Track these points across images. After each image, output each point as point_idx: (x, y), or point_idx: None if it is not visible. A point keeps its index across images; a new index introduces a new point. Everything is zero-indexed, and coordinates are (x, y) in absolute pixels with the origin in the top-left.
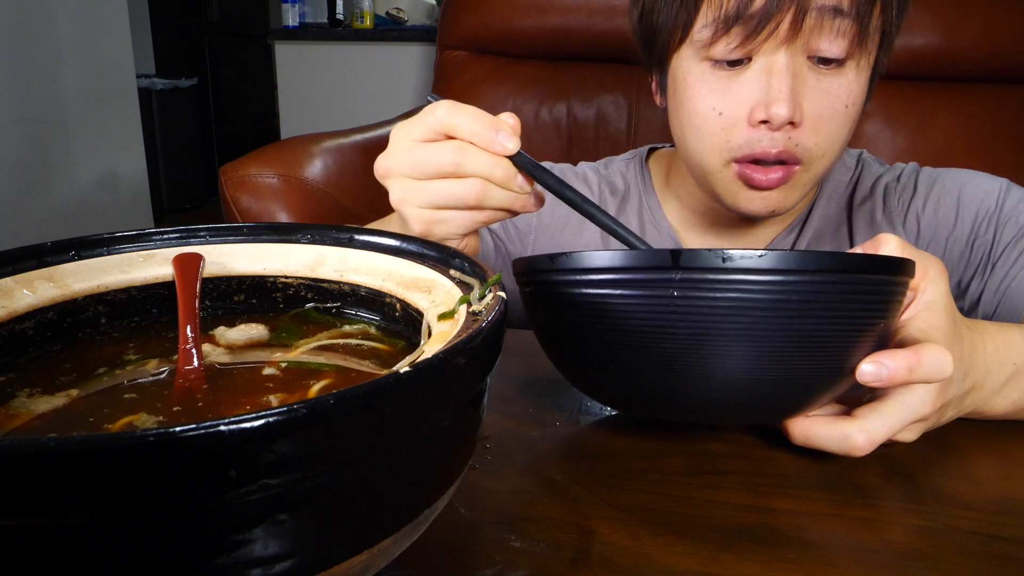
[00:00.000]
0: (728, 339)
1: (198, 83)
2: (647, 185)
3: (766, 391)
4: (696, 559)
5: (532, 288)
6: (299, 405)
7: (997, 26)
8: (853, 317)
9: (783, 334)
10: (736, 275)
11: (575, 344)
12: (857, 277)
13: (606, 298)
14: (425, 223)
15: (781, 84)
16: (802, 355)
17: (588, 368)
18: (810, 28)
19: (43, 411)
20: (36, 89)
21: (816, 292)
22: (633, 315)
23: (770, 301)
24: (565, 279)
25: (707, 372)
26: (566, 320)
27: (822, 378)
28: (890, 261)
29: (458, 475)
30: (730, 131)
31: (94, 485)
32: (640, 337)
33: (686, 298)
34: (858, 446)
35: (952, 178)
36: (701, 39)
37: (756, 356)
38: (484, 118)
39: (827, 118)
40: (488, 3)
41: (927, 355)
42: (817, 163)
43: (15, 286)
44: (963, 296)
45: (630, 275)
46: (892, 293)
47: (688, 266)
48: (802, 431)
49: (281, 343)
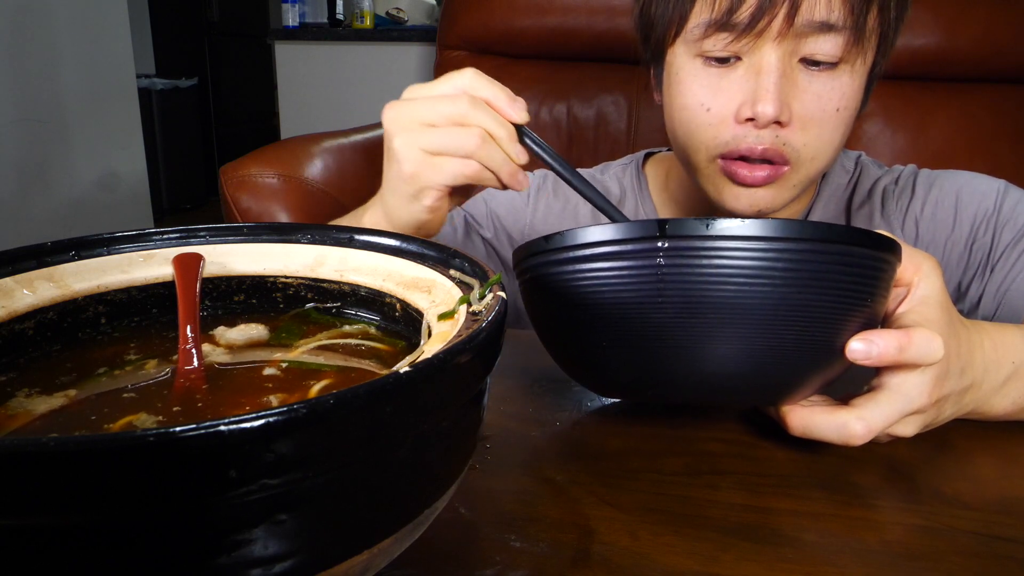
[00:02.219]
0: (716, 308)
1: (198, 83)
2: (643, 189)
3: (756, 364)
4: (696, 559)
5: (529, 275)
6: (299, 405)
7: (997, 26)
8: (839, 290)
9: (771, 302)
10: (721, 242)
11: (569, 325)
12: (841, 248)
13: (597, 272)
14: (417, 164)
15: (768, 83)
16: (790, 326)
17: (582, 348)
18: (801, 29)
19: (42, 411)
20: (36, 89)
21: (800, 260)
22: (624, 287)
23: (756, 268)
24: (559, 258)
25: (697, 343)
26: (561, 300)
27: (812, 353)
28: (874, 236)
29: (458, 475)
30: (718, 127)
31: (94, 485)
32: (630, 309)
33: (673, 267)
34: (856, 434)
35: (950, 180)
36: (694, 35)
37: (744, 325)
38: (503, 88)
39: (817, 120)
40: (488, 3)
41: (917, 336)
42: (808, 165)
43: (15, 286)
44: (963, 299)
45: (619, 247)
46: (878, 270)
47: (674, 234)
48: (800, 420)
49: (281, 343)
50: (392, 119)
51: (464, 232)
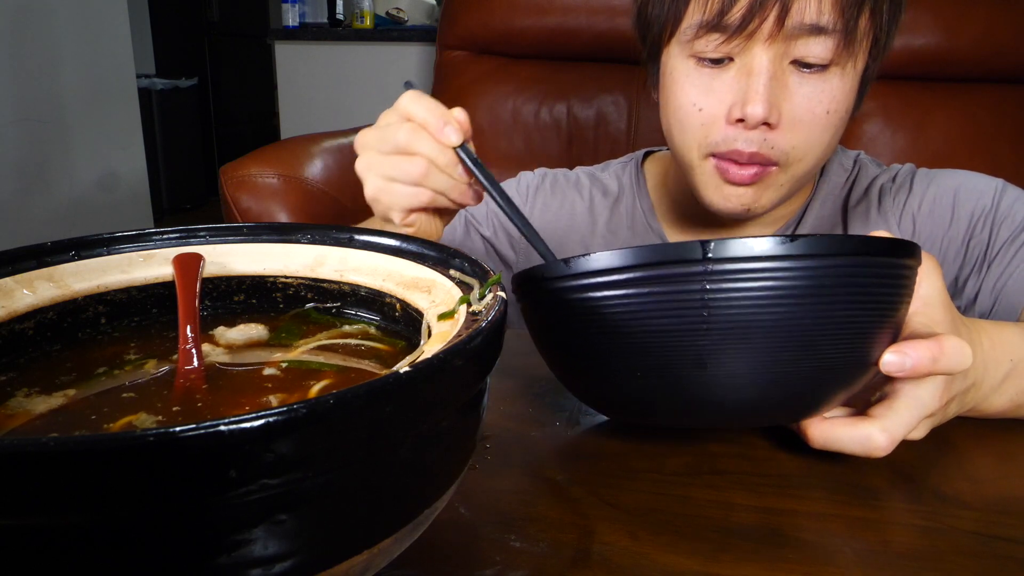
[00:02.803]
0: (764, 331)
1: (198, 83)
2: (641, 187)
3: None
4: (696, 559)
5: (536, 299)
6: (299, 405)
7: (997, 26)
8: (876, 302)
9: (818, 320)
10: (766, 263)
11: (591, 353)
12: (882, 260)
13: (628, 298)
14: (376, 190)
15: (758, 84)
16: (834, 343)
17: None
18: (792, 32)
19: (42, 411)
20: (36, 89)
21: (844, 276)
22: (662, 314)
23: (802, 287)
24: (579, 284)
25: (744, 368)
26: (580, 327)
27: (850, 367)
28: (907, 245)
29: (458, 475)
30: (709, 127)
31: (94, 485)
32: (670, 336)
33: (718, 290)
34: (880, 446)
35: (948, 178)
36: (687, 35)
37: (791, 347)
38: (437, 110)
39: (807, 122)
40: (488, 3)
41: (949, 346)
42: (795, 166)
43: (15, 286)
44: (959, 295)
45: (657, 271)
46: (907, 278)
47: (719, 257)
48: (821, 434)
49: (281, 343)
50: (359, 144)
51: (464, 230)
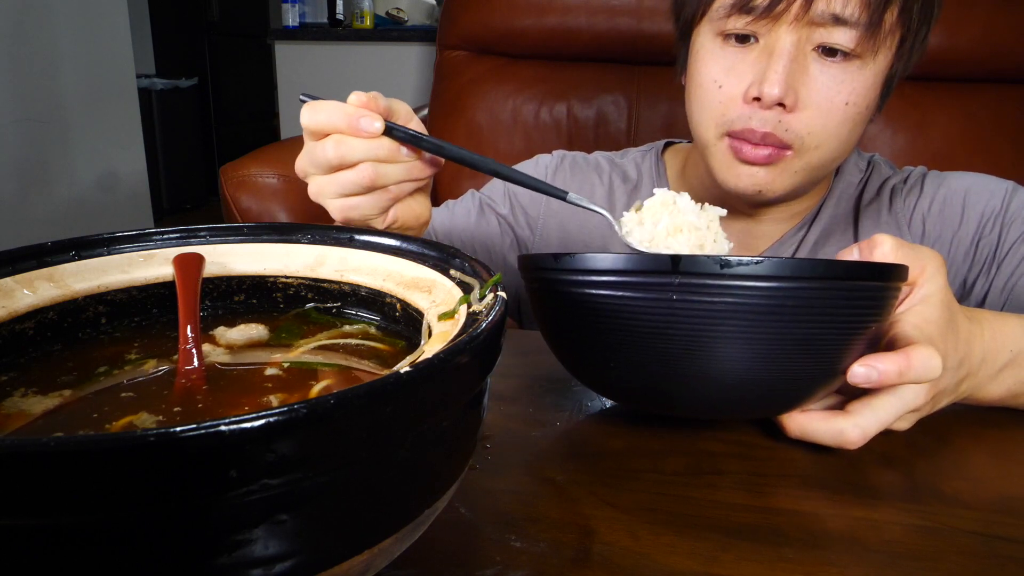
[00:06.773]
0: (724, 341)
1: (198, 83)
2: (660, 176)
3: (761, 390)
4: (696, 559)
5: (537, 284)
6: (299, 405)
7: (997, 26)
8: (846, 321)
9: (778, 337)
10: (732, 281)
11: (578, 340)
12: (848, 284)
13: (608, 298)
14: (340, 211)
15: (777, 65)
16: (795, 357)
17: (590, 363)
18: (816, 18)
19: (42, 411)
20: (36, 89)
21: (809, 299)
22: (634, 315)
23: (765, 306)
24: (569, 278)
25: (704, 371)
26: (570, 317)
27: (815, 378)
28: (883, 268)
29: (458, 475)
30: (727, 104)
31: (95, 485)
32: (640, 336)
33: (685, 301)
34: (852, 441)
35: (959, 179)
36: (718, 14)
37: (751, 358)
38: (340, 110)
39: (824, 109)
40: (488, 3)
41: (916, 358)
42: (811, 153)
43: (15, 286)
44: (968, 295)
45: (631, 278)
46: (884, 298)
47: (687, 271)
48: (798, 426)
49: (281, 343)
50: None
51: (478, 211)
